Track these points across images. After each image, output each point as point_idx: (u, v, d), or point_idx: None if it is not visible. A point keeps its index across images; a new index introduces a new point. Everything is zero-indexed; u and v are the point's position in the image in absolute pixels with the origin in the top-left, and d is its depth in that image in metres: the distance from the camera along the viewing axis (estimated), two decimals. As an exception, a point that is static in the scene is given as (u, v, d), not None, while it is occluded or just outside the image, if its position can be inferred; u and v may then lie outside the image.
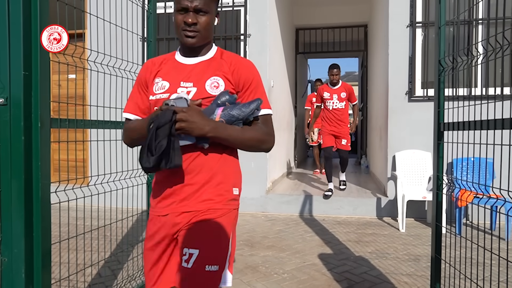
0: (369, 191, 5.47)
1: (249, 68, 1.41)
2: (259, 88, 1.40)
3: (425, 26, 4.76)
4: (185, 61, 1.42)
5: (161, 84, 1.38)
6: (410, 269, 3.09)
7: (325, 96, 5.24)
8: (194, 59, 1.41)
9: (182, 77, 1.36)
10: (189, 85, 1.34)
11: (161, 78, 1.39)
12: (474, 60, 1.95)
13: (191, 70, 1.38)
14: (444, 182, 2.21)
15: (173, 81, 1.36)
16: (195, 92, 1.33)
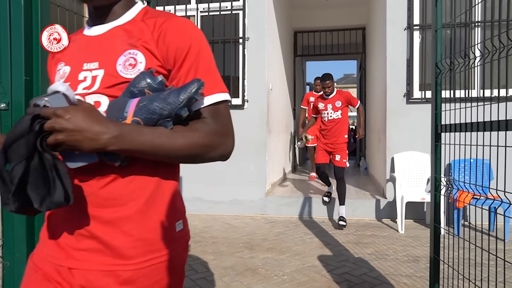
0: (368, 192, 5.49)
1: (184, 30, 0.89)
2: (201, 61, 0.89)
3: (422, 29, 4.79)
4: (91, 32, 0.96)
5: (63, 71, 0.95)
6: (409, 270, 3.10)
7: (320, 107, 4.78)
8: (102, 26, 0.95)
9: (86, 55, 0.92)
10: (93, 66, 0.90)
11: (64, 63, 0.96)
12: (471, 62, 1.98)
13: (98, 44, 0.93)
14: (442, 183, 2.23)
15: (75, 64, 0.93)
16: (103, 76, 0.88)
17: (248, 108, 5.18)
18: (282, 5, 6.72)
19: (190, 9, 5.41)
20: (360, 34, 8.75)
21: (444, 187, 2.27)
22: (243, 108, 5.19)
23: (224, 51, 5.35)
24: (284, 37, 7.03)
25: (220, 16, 5.34)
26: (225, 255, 3.51)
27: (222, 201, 5.17)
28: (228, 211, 5.16)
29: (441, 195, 2.23)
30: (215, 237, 4.08)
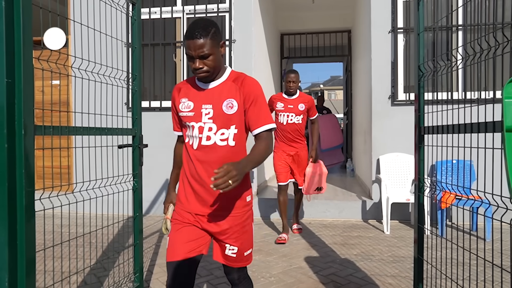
0: (355, 194, 5.53)
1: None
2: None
3: (406, 32, 4.87)
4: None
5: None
6: (394, 271, 3.14)
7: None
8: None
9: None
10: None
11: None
12: (454, 65, 2.02)
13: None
14: (425, 184, 2.26)
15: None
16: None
17: (235, 110, 5.18)
18: (268, 7, 6.75)
19: (176, 11, 5.39)
20: (346, 37, 8.84)
21: (427, 188, 2.30)
22: (230, 110, 5.18)
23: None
24: (270, 39, 7.06)
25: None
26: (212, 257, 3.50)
27: (209, 203, 5.14)
28: (215, 214, 5.14)
29: (425, 196, 2.26)
30: (202, 240, 4.06)
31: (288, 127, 4.09)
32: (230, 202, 1.67)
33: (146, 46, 5.45)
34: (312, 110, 4.15)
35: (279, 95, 4.15)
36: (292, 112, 4.05)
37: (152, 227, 4.65)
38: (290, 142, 4.13)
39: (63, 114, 5.40)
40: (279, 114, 4.09)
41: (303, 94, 4.15)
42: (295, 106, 4.05)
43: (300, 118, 4.07)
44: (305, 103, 4.06)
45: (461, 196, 1.92)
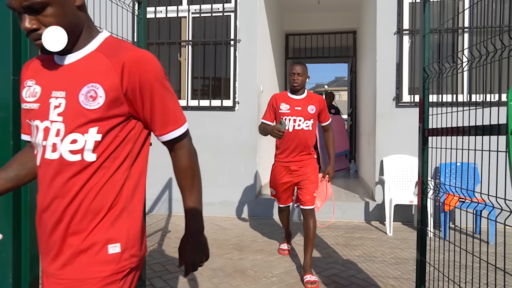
0: (358, 195, 5.53)
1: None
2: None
3: (411, 34, 4.85)
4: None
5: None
6: (397, 272, 3.14)
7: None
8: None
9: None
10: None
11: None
12: (459, 67, 2.01)
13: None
14: (429, 186, 2.26)
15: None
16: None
17: (239, 110, 5.19)
18: (273, 7, 6.75)
19: (182, 10, 5.40)
20: (351, 38, 8.82)
21: (431, 190, 2.30)
22: (234, 110, 5.19)
23: (216, 53, 5.35)
24: (275, 39, 7.06)
25: (211, 18, 5.34)
26: (215, 257, 3.51)
27: (212, 202, 5.16)
28: (219, 213, 5.16)
29: (428, 198, 2.26)
30: (204, 239, 4.07)
31: (294, 135, 3.14)
32: None
33: (151, 45, 5.47)
34: (325, 114, 3.28)
35: (284, 94, 3.28)
36: (300, 115, 3.14)
37: (154, 225, 4.67)
38: (296, 155, 3.18)
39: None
40: (282, 117, 3.17)
41: (312, 94, 3.28)
42: (304, 108, 3.16)
43: (310, 123, 3.17)
44: (316, 104, 3.20)
45: (464, 198, 1.92)
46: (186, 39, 5.43)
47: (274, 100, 3.28)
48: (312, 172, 3.17)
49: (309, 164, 3.20)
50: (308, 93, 3.27)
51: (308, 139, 3.17)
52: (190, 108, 5.29)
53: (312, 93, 3.28)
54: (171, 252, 3.64)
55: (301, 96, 3.23)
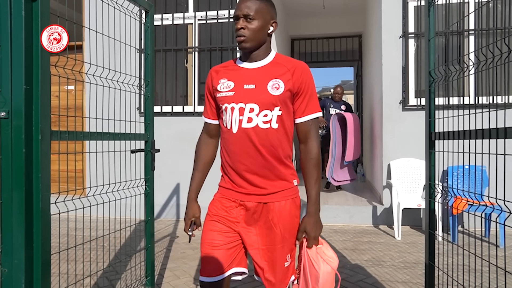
0: (365, 199, 5.51)
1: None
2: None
3: (417, 37, 4.85)
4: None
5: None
6: (405, 277, 3.12)
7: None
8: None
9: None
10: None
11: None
12: (466, 70, 2.01)
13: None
14: (436, 190, 2.25)
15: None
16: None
17: (245, 115, 5.21)
18: (279, 12, 6.79)
19: (188, 17, 5.46)
20: (356, 42, 8.83)
21: (439, 194, 2.29)
22: (241, 115, 5.21)
23: (222, 59, 5.39)
24: (281, 44, 7.09)
25: (217, 24, 5.39)
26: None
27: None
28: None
29: (436, 202, 2.25)
30: (212, 244, 4.08)
31: (242, 140, 1.55)
32: None
33: (158, 51, 5.52)
34: (305, 100, 1.57)
35: (228, 64, 1.66)
36: (252, 100, 1.53)
37: (163, 231, 4.69)
38: (249, 173, 1.57)
39: (77, 119, 5.50)
40: (223, 106, 1.58)
41: (283, 59, 1.61)
42: (261, 86, 1.54)
43: (274, 116, 1.54)
44: (286, 77, 1.54)
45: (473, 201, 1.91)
46: (192, 46, 5.47)
47: (209, 78, 1.65)
48: (288, 222, 1.61)
49: (281, 195, 1.59)
50: (277, 57, 1.61)
51: (274, 147, 1.54)
52: (197, 114, 5.32)
53: (284, 57, 1.61)
54: (179, 258, 3.66)
55: (259, 64, 1.57)
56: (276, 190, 1.57)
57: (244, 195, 1.57)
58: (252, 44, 1.51)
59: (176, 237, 4.36)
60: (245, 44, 1.50)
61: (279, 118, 1.51)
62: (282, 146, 1.54)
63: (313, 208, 1.55)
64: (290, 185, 1.62)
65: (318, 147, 1.56)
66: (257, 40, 1.52)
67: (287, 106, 1.52)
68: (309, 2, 7.32)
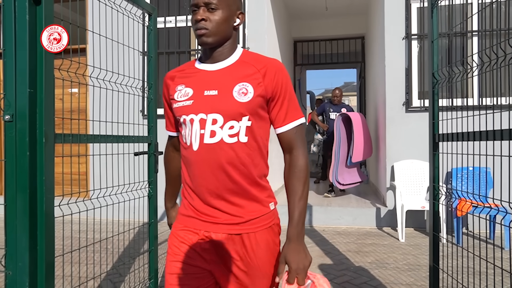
0: (369, 201, 5.49)
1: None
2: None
3: (420, 38, 4.84)
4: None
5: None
6: (409, 279, 3.11)
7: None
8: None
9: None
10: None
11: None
12: (469, 71, 2.01)
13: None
14: (440, 192, 2.24)
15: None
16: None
17: (248, 117, 5.21)
18: (281, 15, 6.80)
19: (191, 20, 5.47)
20: (359, 43, 8.82)
21: (443, 196, 2.28)
22: (244, 117, 5.22)
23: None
24: (284, 46, 7.10)
25: (220, 27, 5.40)
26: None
27: (222, 210, 5.17)
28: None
29: (440, 204, 2.24)
30: (215, 246, 4.08)
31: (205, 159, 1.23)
32: None
33: (161, 54, 5.54)
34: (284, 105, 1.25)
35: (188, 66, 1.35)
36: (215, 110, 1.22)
37: (166, 233, 4.69)
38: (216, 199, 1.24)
39: (81, 122, 5.52)
40: (181, 118, 1.27)
41: (251, 56, 1.28)
42: (225, 91, 1.22)
43: (243, 128, 1.22)
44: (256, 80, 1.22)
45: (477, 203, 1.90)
46: (195, 48, 5.49)
47: (164, 87, 1.38)
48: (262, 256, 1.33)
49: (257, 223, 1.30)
50: (244, 54, 1.30)
51: (245, 166, 1.24)
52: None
53: (253, 55, 1.29)
54: (183, 260, 3.65)
55: (222, 64, 1.28)
56: (249, 218, 1.27)
57: (210, 224, 1.26)
58: (215, 39, 1.23)
59: (180, 240, 4.36)
60: (206, 39, 1.22)
61: (248, 130, 1.22)
62: (255, 163, 1.26)
63: (295, 232, 1.24)
64: (266, 210, 1.31)
65: (305, 157, 1.27)
66: (221, 34, 1.24)
67: (259, 115, 1.24)
68: (311, 4, 7.33)
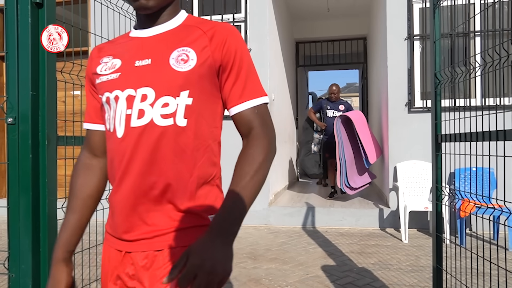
0: (371, 202, 5.48)
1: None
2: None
3: (422, 39, 4.83)
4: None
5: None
6: (413, 280, 3.09)
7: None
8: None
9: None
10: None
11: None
12: (472, 72, 2.00)
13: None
14: (443, 192, 2.24)
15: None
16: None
17: (250, 119, 5.21)
18: (283, 16, 6.80)
19: None
20: (361, 44, 8.81)
21: (446, 196, 2.28)
22: (246, 119, 5.22)
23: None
24: (285, 47, 7.10)
25: (222, 28, 5.40)
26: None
27: (225, 211, 5.17)
28: (232, 222, 5.16)
29: (443, 205, 2.24)
30: (218, 248, 4.08)
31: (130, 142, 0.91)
32: None
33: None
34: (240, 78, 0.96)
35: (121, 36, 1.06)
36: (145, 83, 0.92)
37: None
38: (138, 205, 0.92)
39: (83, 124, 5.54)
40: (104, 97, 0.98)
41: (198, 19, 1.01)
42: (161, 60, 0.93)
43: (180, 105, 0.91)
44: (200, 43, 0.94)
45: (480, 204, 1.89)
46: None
47: (89, 61, 1.07)
48: None
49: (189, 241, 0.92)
50: (189, 18, 1.01)
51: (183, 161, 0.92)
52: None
53: (200, 19, 1.01)
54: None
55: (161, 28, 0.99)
56: (180, 226, 0.91)
57: (128, 243, 0.93)
58: (158, 1, 0.94)
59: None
60: (146, 2, 0.92)
61: (189, 109, 0.90)
62: (196, 157, 0.92)
63: (219, 221, 0.83)
64: (203, 222, 0.93)
65: (266, 149, 0.91)
66: None
67: (204, 90, 0.92)
68: (313, 5, 7.33)
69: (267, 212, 5.12)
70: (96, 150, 1.06)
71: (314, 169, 6.33)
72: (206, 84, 0.93)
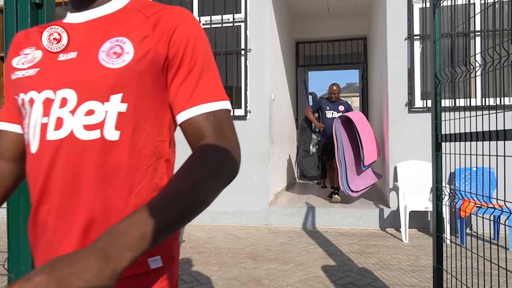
0: (372, 202, 5.48)
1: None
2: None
3: (422, 39, 4.83)
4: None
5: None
6: (413, 280, 3.09)
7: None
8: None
9: None
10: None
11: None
12: (472, 71, 2.00)
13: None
14: (444, 192, 2.23)
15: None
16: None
17: (250, 119, 5.22)
18: (283, 16, 6.80)
19: None
20: (361, 44, 8.81)
21: (446, 196, 2.27)
22: (246, 119, 5.22)
23: (227, 63, 5.40)
24: (286, 47, 7.10)
25: (222, 28, 5.41)
26: (229, 266, 3.51)
27: (225, 211, 5.18)
28: (232, 222, 5.17)
29: (444, 204, 2.23)
30: (218, 248, 4.08)
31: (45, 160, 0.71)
32: None
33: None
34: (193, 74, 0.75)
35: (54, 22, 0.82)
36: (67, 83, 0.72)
37: (169, 235, 4.69)
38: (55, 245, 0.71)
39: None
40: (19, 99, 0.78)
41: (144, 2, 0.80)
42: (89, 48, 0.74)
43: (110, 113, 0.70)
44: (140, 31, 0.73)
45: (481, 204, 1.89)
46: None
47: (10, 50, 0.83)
48: None
49: None
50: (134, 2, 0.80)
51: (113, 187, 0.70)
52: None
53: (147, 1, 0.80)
54: (185, 262, 3.66)
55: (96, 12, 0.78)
56: None
57: None
58: None
59: (182, 241, 4.37)
60: None
61: (122, 118, 0.70)
62: (133, 181, 0.70)
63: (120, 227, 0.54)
64: (141, 269, 0.71)
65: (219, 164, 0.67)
66: None
67: (144, 92, 0.72)
68: (314, 5, 7.33)
69: (267, 212, 5.12)
70: (6, 152, 0.82)
71: (313, 171, 6.27)
72: (147, 84, 0.71)
